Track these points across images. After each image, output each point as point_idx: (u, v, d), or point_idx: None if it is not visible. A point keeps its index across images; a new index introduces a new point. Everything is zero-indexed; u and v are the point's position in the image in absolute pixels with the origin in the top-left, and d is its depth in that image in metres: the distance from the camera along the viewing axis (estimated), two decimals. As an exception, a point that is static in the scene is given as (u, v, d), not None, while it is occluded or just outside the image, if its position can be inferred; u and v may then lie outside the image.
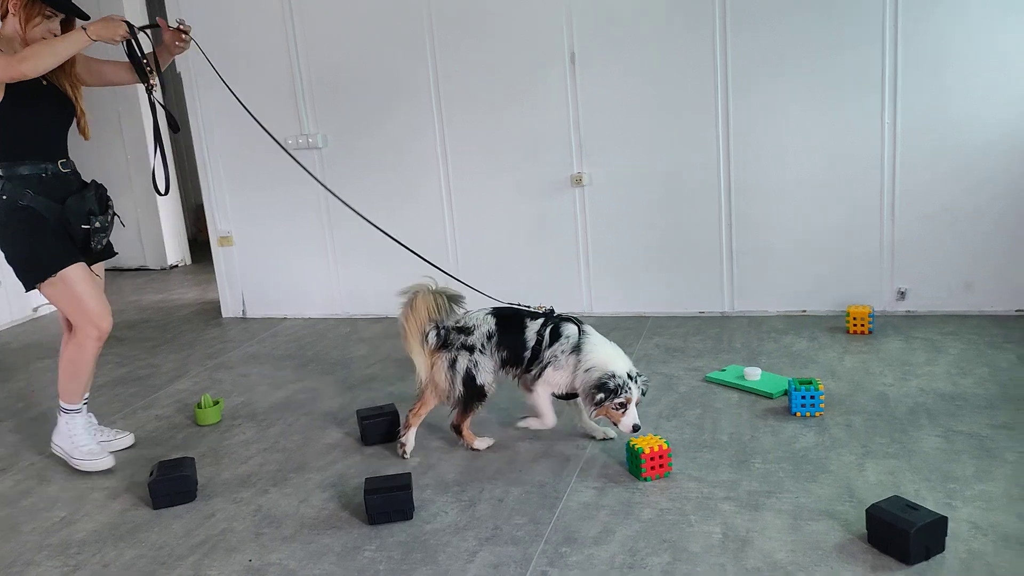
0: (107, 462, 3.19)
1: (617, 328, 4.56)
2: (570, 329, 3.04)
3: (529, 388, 3.11)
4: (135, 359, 4.73)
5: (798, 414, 3.22)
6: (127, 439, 3.45)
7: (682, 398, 3.51)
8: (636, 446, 2.83)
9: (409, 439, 3.13)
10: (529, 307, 3.16)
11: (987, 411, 3.12)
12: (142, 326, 5.52)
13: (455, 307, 3.07)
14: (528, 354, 3.04)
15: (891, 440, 2.95)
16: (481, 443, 3.15)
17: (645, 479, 2.80)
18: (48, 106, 3.04)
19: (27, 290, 3.09)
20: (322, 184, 4.07)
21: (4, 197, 2.97)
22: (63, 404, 3.22)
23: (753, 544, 2.39)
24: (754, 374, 3.58)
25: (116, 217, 3.22)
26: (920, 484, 2.64)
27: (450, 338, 3.04)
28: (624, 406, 2.88)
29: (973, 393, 3.30)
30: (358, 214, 3.55)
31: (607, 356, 2.95)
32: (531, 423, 3.22)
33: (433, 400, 3.10)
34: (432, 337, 3.03)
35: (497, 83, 4.69)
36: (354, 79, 4.92)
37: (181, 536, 2.68)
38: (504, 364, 3.08)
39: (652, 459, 2.80)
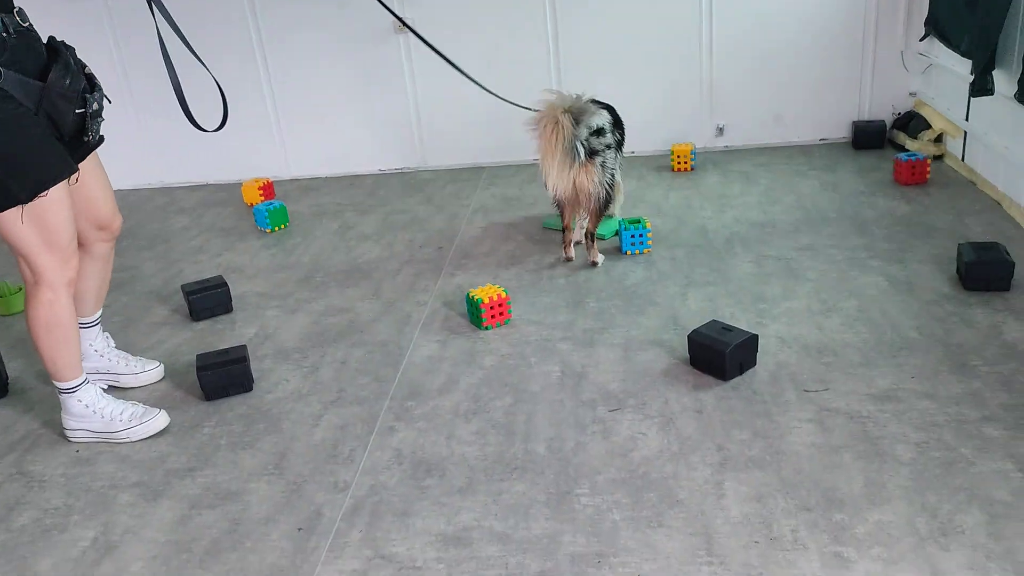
0: (163, 418, 2.47)
1: (453, 180, 4.52)
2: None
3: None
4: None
5: (628, 252, 3.37)
6: (158, 370, 2.77)
7: (519, 245, 3.56)
8: (475, 296, 2.87)
9: (572, 248, 3.30)
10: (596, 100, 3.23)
11: (792, 235, 3.39)
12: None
13: (587, 112, 3.04)
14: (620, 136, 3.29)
15: (710, 269, 3.16)
16: (601, 256, 3.29)
17: (486, 328, 2.87)
18: None
19: None
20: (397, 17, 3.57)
21: None
22: (59, 385, 2.42)
23: (588, 378, 2.53)
24: (586, 217, 3.68)
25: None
26: (735, 307, 2.86)
27: (594, 145, 3.05)
28: None
29: (781, 219, 3.56)
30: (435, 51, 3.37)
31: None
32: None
33: (577, 207, 3.13)
34: (582, 151, 3.00)
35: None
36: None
37: None
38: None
39: (491, 308, 2.86)
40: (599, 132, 3.08)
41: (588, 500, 2.02)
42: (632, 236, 3.35)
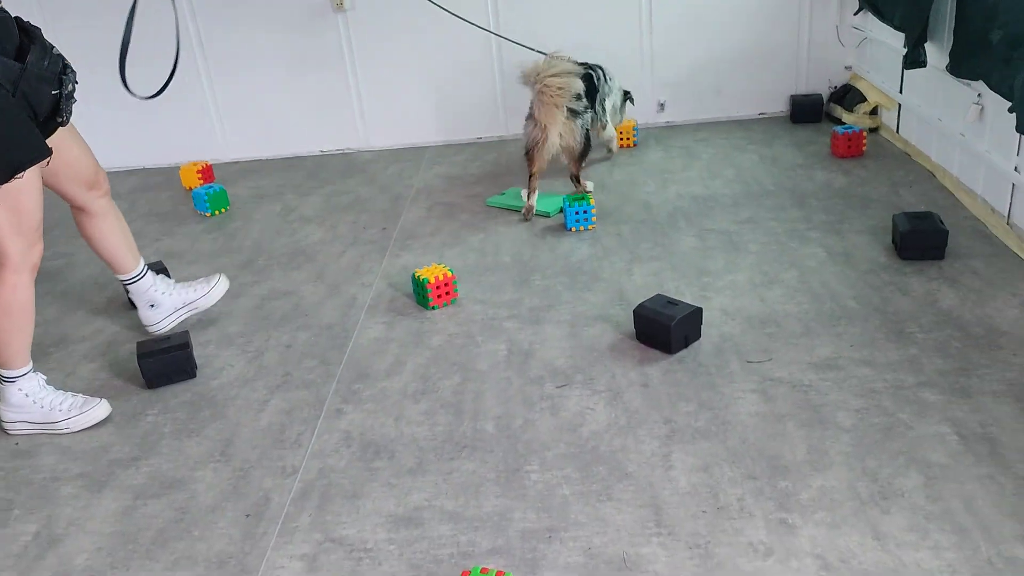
0: (103, 408, 2.40)
1: (397, 160, 4.46)
2: (601, 67, 3.87)
3: (603, 127, 3.93)
4: None
5: (573, 229, 3.37)
6: (222, 282, 2.85)
7: (464, 225, 3.54)
8: (421, 277, 2.85)
9: (534, 200, 3.58)
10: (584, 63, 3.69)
11: (733, 209, 3.43)
12: None
13: (575, 77, 3.43)
14: (597, 98, 3.78)
15: (654, 244, 3.19)
16: (590, 184, 3.73)
17: (433, 308, 2.85)
18: None
19: None
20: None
21: None
22: (4, 373, 2.34)
23: (535, 355, 2.53)
24: (531, 195, 3.67)
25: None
26: (679, 281, 2.89)
27: (574, 106, 3.46)
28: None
29: (722, 193, 3.60)
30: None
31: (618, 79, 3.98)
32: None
33: (548, 159, 3.51)
34: (566, 110, 3.43)
35: None
36: None
37: (-73, 432, 2.41)
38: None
39: (438, 288, 2.84)
40: (578, 97, 3.49)
41: (538, 476, 2.02)
42: (577, 213, 3.36)
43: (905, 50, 3.49)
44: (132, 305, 3.02)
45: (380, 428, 2.26)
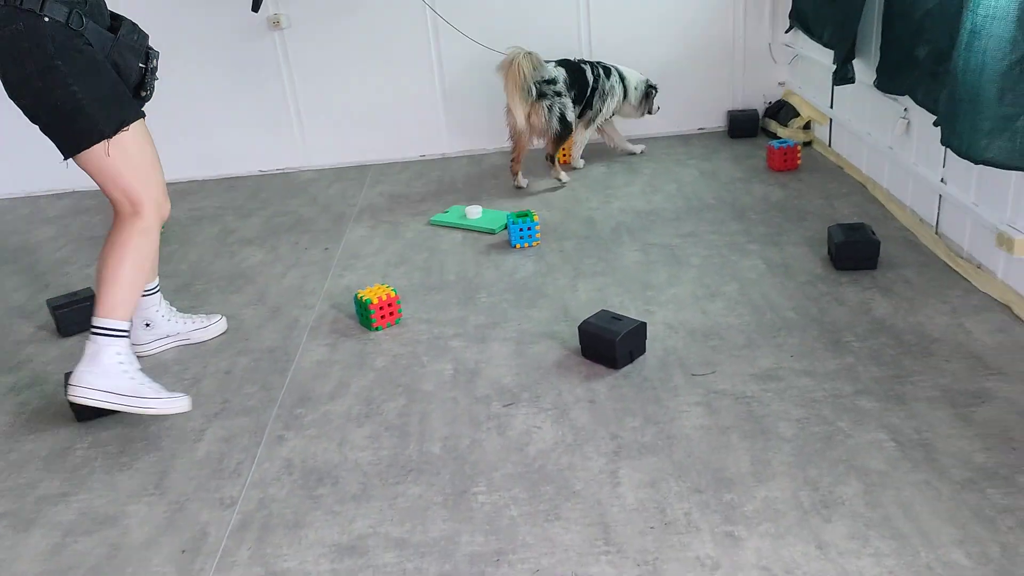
0: (187, 401, 2.37)
1: (339, 179, 4.41)
2: (608, 64, 4.11)
3: (587, 126, 4.13)
4: None
5: (517, 246, 3.37)
6: (221, 323, 2.88)
7: (408, 244, 3.51)
8: (364, 297, 2.81)
9: (521, 179, 4.01)
10: (584, 60, 4.07)
11: (675, 223, 3.47)
12: None
13: (541, 65, 3.80)
14: (589, 92, 4.00)
15: (598, 259, 3.20)
16: (566, 176, 4.01)
17: (376, 329, 2.81)
18: None
19: (70, 155, 2.27)
20: None
21: (48, 19, 2.14)
22: (108, 324, 2.31)
23: (482, 374, 2.51)
24: (475, 212, 3.66)
25: None
26: (624, 296, 2.90)
27: (543, 90, 3.80)
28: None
29: (663, 208, 3.64)
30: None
31: (636, 73, 4.19)
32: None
33: (527, 142, 3.93)
34: (533, 91, 3.76)
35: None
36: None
37: None
38: (573, 105, 3.93)
39: (381, 308, 2.80)
40: (551, 82, 3.82)
41: (485, 498, 2.00)
42: (521, 230, 3.35)
43: (834, 67, 3.59)
44: (61, 333, 2.92)
45: (323, 454, 2.21)
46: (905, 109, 3.19)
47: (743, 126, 4.48)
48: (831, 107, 3.99)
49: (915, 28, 2.94)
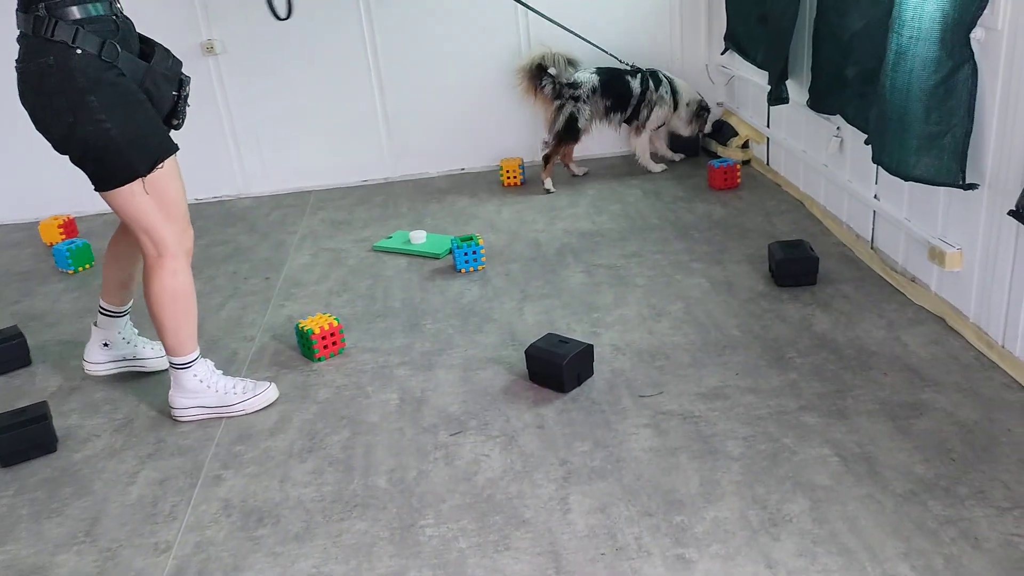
0: (274, 390, 2.53)
1: (279, 206, 4.33)
2: (662, 75, 4.21)
3: (639, 132, 4.25)
4: None
5: (463, 271, 3.34)
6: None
7: (351, 271, 3.46)
8: (305, 328, 2.74)
9: (548, 182, 4.18)
10: (626, 64, 4.22)
11: (620, 243, 3.49)
12: None
13: (570, 66, 4.02)
14: (635, 100, 4.14)
15: (544, 282, 3.19)
16: (551, 185, 4.15)
17: (319, 359, 2.75)
18: None
19: (102, 190, 2.23)
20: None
21: (80, 51, 2.08)
22: (176, 361, 2.41)
23: (428, 403, 2.47)
24: (419, 237, 3.62)
25: None
26: (570, 318, 2.89)
27: (562, 91, 4.01)
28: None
29: (608, 228, 3.66)
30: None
31: (691, 89, 4.28)
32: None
33: (561, 150, 4.19)
34: (548, 88, 3.99)
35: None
36: None
37: None
38: (608, 112, 4.13)
39: (323, 338, 2.74)
40: (573, 86, 4.02)
41: (433, 531, 1.95)
42: (465, 254, 3.33)
43: (769, 87, 3.66)
44: None
45: (263, 492, 2.14)
46: (838, 128, 3.27)
47: (684, 145, 4.53)
48: (768, 126, 4.06)
49: (844, 49, 3.01)
